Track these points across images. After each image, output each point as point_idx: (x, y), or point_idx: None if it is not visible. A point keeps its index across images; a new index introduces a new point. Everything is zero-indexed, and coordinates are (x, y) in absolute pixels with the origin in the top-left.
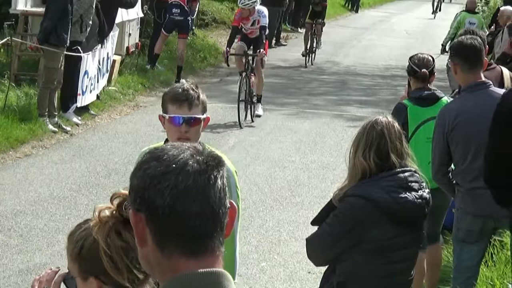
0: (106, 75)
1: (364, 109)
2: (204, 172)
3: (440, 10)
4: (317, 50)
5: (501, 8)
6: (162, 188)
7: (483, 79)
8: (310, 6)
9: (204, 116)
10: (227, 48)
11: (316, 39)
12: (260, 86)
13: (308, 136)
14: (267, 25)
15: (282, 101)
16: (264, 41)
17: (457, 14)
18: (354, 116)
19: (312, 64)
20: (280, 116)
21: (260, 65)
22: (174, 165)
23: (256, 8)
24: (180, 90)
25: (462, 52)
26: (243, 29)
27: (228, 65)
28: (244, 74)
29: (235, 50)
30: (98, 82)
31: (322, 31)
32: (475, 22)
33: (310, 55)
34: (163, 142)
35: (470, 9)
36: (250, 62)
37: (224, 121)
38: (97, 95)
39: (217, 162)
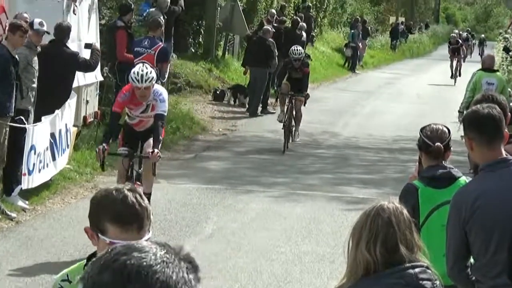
0: (67, 151)
1: (367, 190)
2: None
3: (460, 75)
4: (295, 140)
5: None
6: None
7: (505, 155)
8: (287, 72)
9: (150, 234)
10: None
11: (294, 121)
12: None
13: (300, 223)
14: (165, 114)
15: (268, 181)
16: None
17: (473, 73)
18: (355, 198)
19: (287, 147)
20: (267, 198)
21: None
22: None
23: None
24: (123, 206)
25: (478, 124)
26: (129, 117)
27: (103, 169)
28: None
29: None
30: (54, 160)
31: (303, 105)
32: (493, 82)
33: (287, 139)
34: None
35: (488, 67)
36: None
37: (200, 204)
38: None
39: None
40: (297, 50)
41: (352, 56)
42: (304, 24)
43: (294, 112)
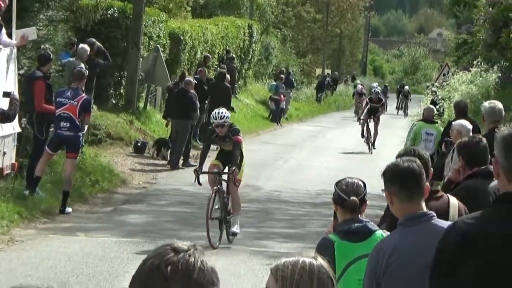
0: None
1: (289, 244)
2: None
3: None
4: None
5: (454, 123)
6: None
7: (424, 209)
8: (210, 144)
9: None
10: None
11: (226, 201)
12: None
13: (221, 277)
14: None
15: (189, 235)
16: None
17: (413, 124)
18: (277, 252)
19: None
20: None
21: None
22: None
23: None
24: None
25: (398, 179)
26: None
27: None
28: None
29: None
30: None
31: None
32: (433, 133)
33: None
34: None
35: (427, 118)
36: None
37: (119, 258)
38: None
39: None
40: (219, 113)
41: (275, 108)
42: (228, 76)
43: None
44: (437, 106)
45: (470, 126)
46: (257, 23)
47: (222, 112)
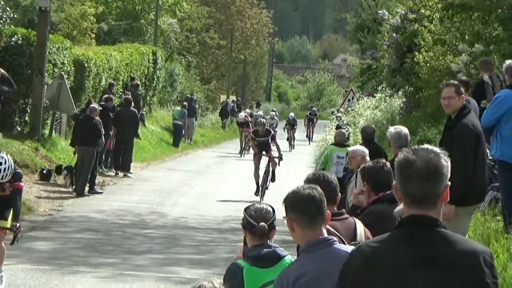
0: None
1: (196, 270)
2: None
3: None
4: None
5: (350, 149)
6: None
7: (325, 235)
8: None
9: None
10: None
11: None
12: None
13: None
14: None
15: (96, 261)
16: None
17: (324, 147)
18: (184, 278)
19: None
20: (94, 279)
21: None
22: None
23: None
24: None
25: (298, 206)
26: None
27: None
28: None
29: None
30: None
31: None
32: (344, 156)
33: None
34: None
35: (339, 142)
36: None
37: (25, 285)
38: None
39: None
40: None
41: (176, 133)
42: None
43: None
44: (334, 134)
45: (366, 151)
46: (161, 49)
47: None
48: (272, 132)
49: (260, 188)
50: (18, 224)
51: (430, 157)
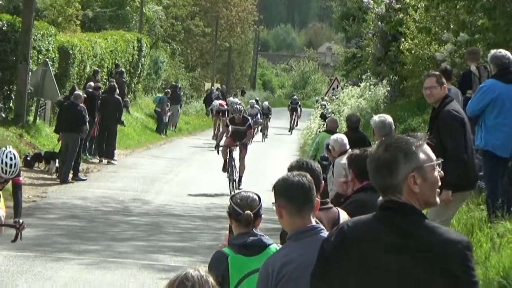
0: None
1: (180, 257)
2: None
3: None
4: None
5: (332, 138)
6: None
7: (313, 223)
8: None
9: None
10: None
11: None
12: None
13: None
14: None
15: (79, 248)
16: None
17: (316, 134)
18: (167, 266)
19: None
20: (77, 266)
21: None
22: None
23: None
24: None
25: (287, 192)
26: None
27: None
28: None
29: None
30: None
31: None
32: None
33: None
34: None
35: (330, 129)
36: None
37: (8, 272)
38: None
39: None
40: None
41: (158, 120)
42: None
43: None
44: (327, 120)
45: (345, 141)
46: (146, 37)
47: None
48: (250, 121)
49: (233, 183)
50: (21, 221)
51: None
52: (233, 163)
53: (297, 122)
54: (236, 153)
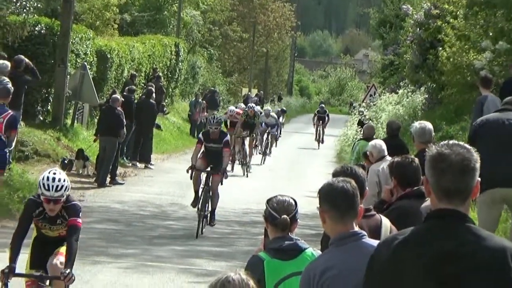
0: None
1: (217, 262)
2: None
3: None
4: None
5: (371, 144)
6: None
7: (355, 229)
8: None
9: None
10: None
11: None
12: None
13: None
14: None
15: (118, 252)
16: None
17: (354, 143)
18: (205, 270)
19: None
20: (115, 270)
21: None
22: None
23: None
24: None
25: (331, 198)
26: None
27: None
28: None
29: None
30: None
31: None
32: None
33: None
34: None
35: (368, 136)
36: None
37: None
38: None
39: None
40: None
41: (192, 124)
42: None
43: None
44: (363, 127)
45: (383, 147)
46: (184, 41)
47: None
48: (227, 137)
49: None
50: (68, 271)
51: (463, 151)
52: (208, 194)
53: (323, 135)
54: (216, 178)
